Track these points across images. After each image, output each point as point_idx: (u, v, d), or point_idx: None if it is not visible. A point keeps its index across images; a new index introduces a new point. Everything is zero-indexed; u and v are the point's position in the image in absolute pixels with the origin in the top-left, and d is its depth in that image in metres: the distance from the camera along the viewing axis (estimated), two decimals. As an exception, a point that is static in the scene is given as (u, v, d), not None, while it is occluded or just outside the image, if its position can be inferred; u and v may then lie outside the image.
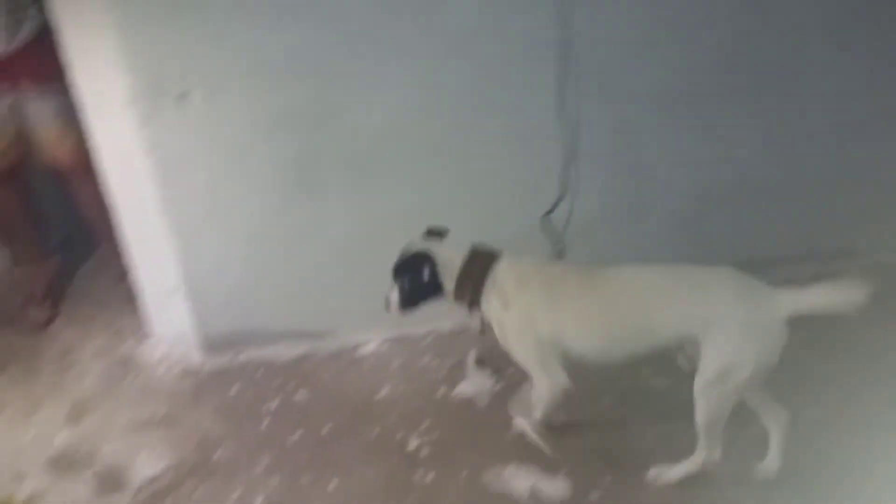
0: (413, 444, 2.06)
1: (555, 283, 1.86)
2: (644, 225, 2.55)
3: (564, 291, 1.84)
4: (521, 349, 1.90)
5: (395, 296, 1.95)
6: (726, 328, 1.68)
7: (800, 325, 1.62)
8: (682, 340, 1.76)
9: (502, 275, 1.87)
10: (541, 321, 1.83)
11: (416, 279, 1.92)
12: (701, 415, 1.74)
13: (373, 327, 2.54)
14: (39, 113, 2.55)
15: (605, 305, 1.81)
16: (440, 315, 2.48)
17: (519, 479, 1.91)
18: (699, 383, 1.72)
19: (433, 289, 1.93)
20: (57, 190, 3.32)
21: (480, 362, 2.36)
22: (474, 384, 2.29)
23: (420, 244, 1.94)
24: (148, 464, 2.04)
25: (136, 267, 2.43)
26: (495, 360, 2.37)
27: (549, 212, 2.38)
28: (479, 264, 1.90)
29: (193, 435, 2.15)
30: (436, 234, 1.98)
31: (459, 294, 1.91)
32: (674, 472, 1.88)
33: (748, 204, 2.56)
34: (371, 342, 2.53)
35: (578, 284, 1.84)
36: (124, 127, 2.13)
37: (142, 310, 2.59)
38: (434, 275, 1.91)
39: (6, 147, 2.60)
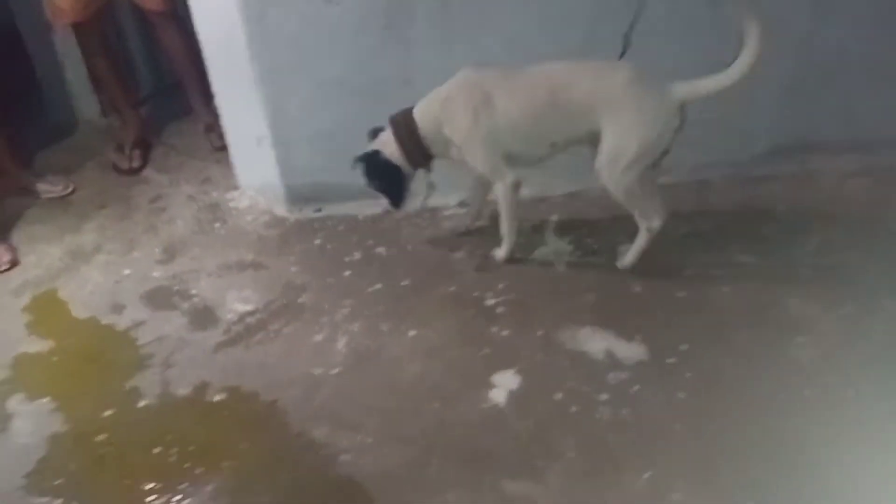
0: (489, 301, 2.10)
1: (474, 94, 1.99)
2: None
3: (488, 96, 1.98)
4: (474, 158, 2.06)
5: (384, 201, 2.19)
6: (617, 110, 1.89)
7: None
8: (588, 127, 1.94)
9: (425, 112, 2.05)
10: (482, 123, 1.98)
11: (381, 177, 2.13)
12: (619, 197, 2.01)
13: (453, 189, 2.54)
14: None
15: (525, 100, 1.98)
16: (528, 182, 2.47)
17: (595, 340, 1.93)
18: (598, 163, 1.97)
19: (398, 172, 2.12)
20: (145, 39, 3.36)
21: (560, 229, 2.35)
22: (552, 250, 2.28)
23: (374, 143, 2.12)
24: (237, 302, 2.16)
25: (225, 115, 2.46)
26: (575, 227, 2.37)
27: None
28: (403, 126, 2.07)
29: (279, 279, 2.25)
30: (376, 132, 2.14)
31: (413, 161, 2.11)
32: (629, 259, 2.14)
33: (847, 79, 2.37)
34: (450, 205, 2.54)
35: (500, 86, 1.99)
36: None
37: (229, 160, 2.65)
38: (388, 163, 2.09)
39: None
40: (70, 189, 2.76)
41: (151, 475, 1.66)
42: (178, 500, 1.60)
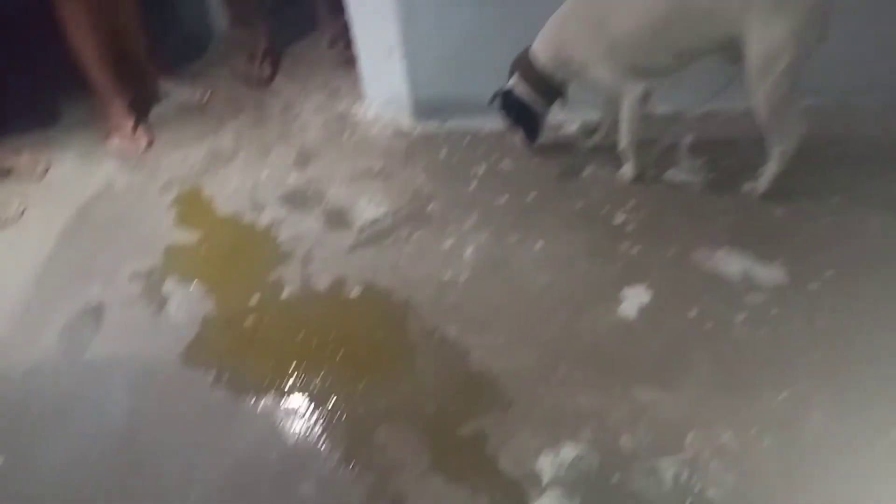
0: (619, 219, 2.07)
1: (590, 9, 1.96)
2: None
3: (605, 9, 1.94)
4: (597, 75, 2.03)
5: (520, 137, 2.30)
6: (766, 11, 1.74)
7: None
8: (721, 35, 1.83)
9: (543, 44, 2.07)
10: (608, 32, 1.94)
11: (515, 115, 2.22)
12: (760, 109, 1.88)
13: (581, 107, 2.48)
14: None
15: (644, 10, 1.88)
16: (656, 98, 2.39)
17: (731, 262, 1.87)
18: (750, 79, 1.83)
19: (530, 111, 2.20)
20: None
21: (695, 149, 2.27)
22: (687, 170, 2.21)
23: (508, 84, 2.18)
24: (368, 208, 2.23)
25: (356, 26, 2.48)
26: (712, 148, 2.28)
27: None
28: (526, 67, 2.11)
29: (407, 188, 2.30)
30: (515, 65, 2.17)
31: (545, 97, 2.17)
32: (761, 184, 2.05)
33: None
34: (574, 122, 2.49)
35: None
36: None
37: (357, 71, 2.69)
38: (520, 102, 2.17)
39: None
40: (207, 96, 2.89)
41: (295, 357, 1.78)
42: (320, 380, 1.72)
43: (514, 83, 2.16)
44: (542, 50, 2.10)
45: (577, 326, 1.76)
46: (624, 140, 2.15)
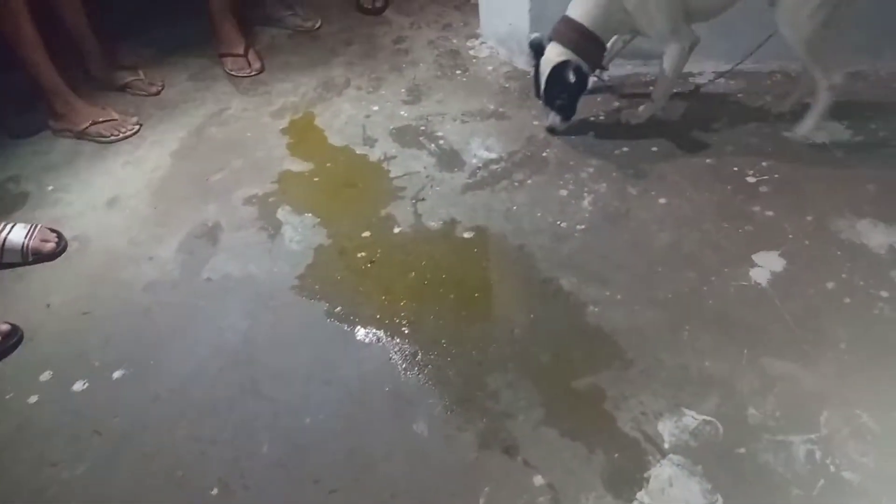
0: (751, 178, 1.95)
1: None
2: None
3: None
4: (651, 20, 1.93)
5: (555, 117, 2.13)
6: None
7: None
8: None
9: (583, 3, 1.95)
10: None
11: (565, 90, 2.03)
12: (797, 46, 1.86)
13: (710, 57, 2.33)
14: None
15: None
16: (784, 54, 2.21)
17: (876, 234, 1.74)
18: (779, 13, 1.82)
19: (585, 79, 2.03)
20: None
21: (837, 111, 2.09)
22: (828, 132, 2.05)
23: (550, 57, 2.01)
24: (482, 149, 2.17)
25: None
26: (856, 111, 2.10)
27: None
28: (570, 31, 1.97)
29: (522, 131, 2.22)
30: (539, 46, 2.05)
31: (593, 60, 2.03)
32: (808, 122, 2.02)
33: None
34: (705, 73, 2.34)
35: None
36: None
37: (468, 7, 2.59)
38: (579, 69, 1.99)
39: None
40: (318, 24, 2.86)
41: (407, 294, 1.77)
42: (433, 319, 1.70)
43: (559, 55, 2.00)
44: (583, 12, 1.96)
45: (704, 289, 1.68)
46: (661, 88, 2.11)
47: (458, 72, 2.53)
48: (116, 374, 1.66)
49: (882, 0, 2.10)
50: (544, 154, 2.14)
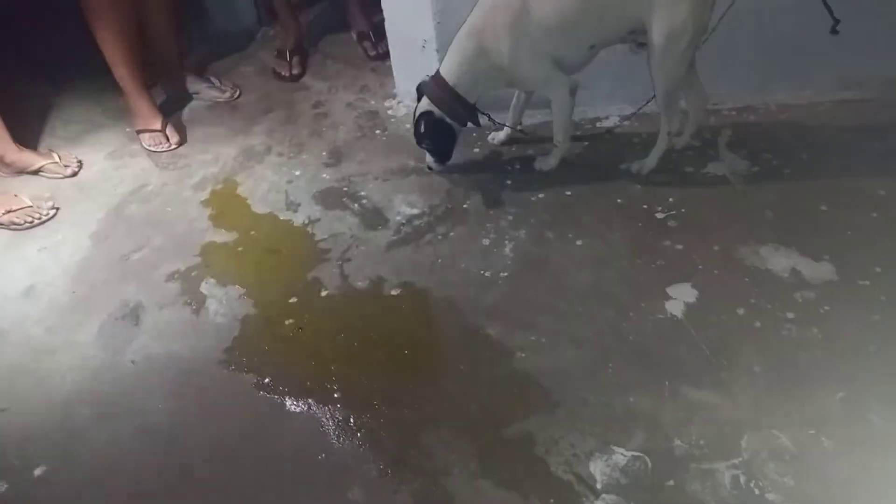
0: (660, 214, 2.04)
1: (508, 10, 1.95)
2: None
3: (523, 8, 1.94)
4: (526, 72, 2.04)
5: (429, 158, 2.28)
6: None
7: None
8: (631, 24, 1.94)
9: (455, 63, 2.04)
10: (527, 28, 1.95)
11: (435, 136, 2.15)
12: (660, 89, 2.01)
13: (614, 102, 2.45)
14: None
15: (560, 4, 1.93)
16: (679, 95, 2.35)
17: (778, 258, 1.84)
18: (655, 58, 1.95)
19: (449, 131, 2.15)
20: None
21: (734, 143, 2.22)
22: (726, 165, 2.17)
23: (420, 105, 2.13)
24: (404, 205, 2.21)
25: (389, 19, 2.46)
26: (751, 142, 2.24)
27: None
28: (438, 88, 2.07)
29: (442, 185, 2.27)
30: (421, 92, 2.14)
31: (459, 118, 2.12)
32: (649, 161, 2.18)
33: None
34: (610, 117, 2.46)
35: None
36: None
37: (384, 69, 2.66)
38: (443, 122, 2.11)
39: None
40: (237, 94, 2.88)
41: (337, 357, 1.77)
42: (363, 382, 1.70)
43: (428, 106, 2.11)
44: (455, 72, 2.05)
45: (623, 325, 1.73)
46: (560, 133, 2.20)
47: (377, 131, 2.58)
48: (37, 472, 1.59)
49: (765, 40, 2.26)
50: (465, 205, 2.19)
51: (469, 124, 2.16)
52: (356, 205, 2.25)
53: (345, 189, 2.33)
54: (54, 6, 2.73)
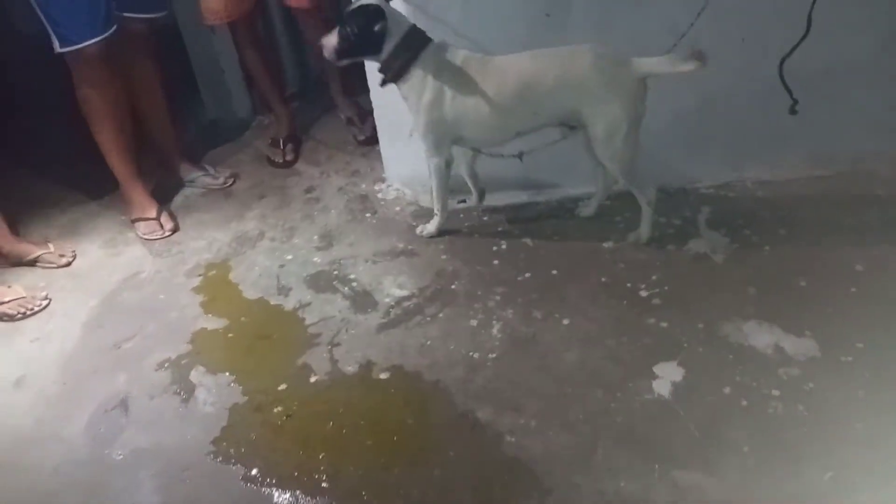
0: (643, 292, 2.07)
1: (463, 73, 2.04)
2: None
3: (468, 81, 2.04)
4: (424, 127, 2.13)
5: (333, 40, 2.06)
6: (595, 93, 1.98)
7: None
8: (564, 116, 2.05)
9: (428, 59, 2.05)
10: (447, 107, 2.08)
11: (363, 31, 2.02)
12: (617, 173, 2.12)
13: (594, 183, 2.53)
14: None
15: (496, 92, 2.03)
16: (666, 172, 2.43)
17: (761, 335, 1.87)
18: (598, 149, 2.06)
19: (372, 47, 2.05)
20: (291, 38, 3.55)
21: (712, 221, 2.29)
22: (706, 242, 2.22)
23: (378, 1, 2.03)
24: (394, 287, 2.24)
25: (377, 110, 2.56)
26: (729, 219, 2.30)
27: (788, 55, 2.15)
28: (418, 41, 2.05)
29: (431, 266, 2.32)
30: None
31: (390, 61, 2.07)
32: (643, 231, 2.24)
33: None
34: (591, 194, 2.53)
35: (479, 73, 2.04)
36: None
37: (374, 154, 2.75)
38: (381, 33, 2.02)
39: None
40: (231, 181, 2.96)
41: (325, 446, 1.76)
42: (352, 470, 1.69)
43: (394, 13, 2.06)
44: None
45: (612, 406, 1.74)
46: (437, 201, 2.35)
47: (367, 214, 2.64)
48: (19, 572, 1.56)
49: (736, 122, 2.36)
50: (453, 286, 2.22)
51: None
52: (346, 288, 2.29)
53: (335, 272, 2.37)
54: (48, 97, 2.84)
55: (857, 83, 2.29)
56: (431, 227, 2.42)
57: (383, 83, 2.14)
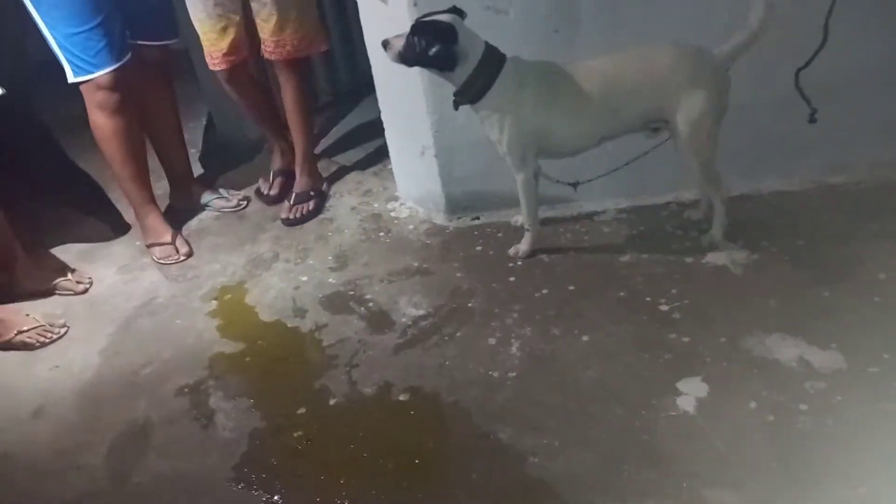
0: (663, 307, 2.05)
1: (544, 83, 2.03)
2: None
3: (550, 91, 2.03)
4: (509, 144, 2.10)
5: (399, 45, 2.00)
6: (679, 87, 1.97)
7: None
8: (648, 115, 2.04)
9: (507, 77, 2.01)
10: (531, 119, 2.06)
11: (434, 46, 1.95)
12: (698, 170, 2.09)
13: (609, 196, 2.51)
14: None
15: (581, 97, 2.02)
16: (679, 185, 2.42)
17: (785, 348, 1.83)
18: (683, 146, 2.04)
19: (441, 63, 2.00)
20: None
21: (732, 232, 2.26)
22: (726, 254, 2.20)
23: (452, 18, 1.96)
24: (410, 307, 2.23)
25: (388, 129, 2.57)
26: (747, 231, 2.27)
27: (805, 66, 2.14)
28: (495, 60, 2.01)
29: (447, 285, 2.30)
30: (458, 12, 2.00)
31: (469, 86, 2.02)
32: (715, 231, 2.21)
33: None
34: (608, 211, 2.51)
35: (561, 82, 2.03)
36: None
37: (384, 173, 2.76)
38: (453, 55, 1.97)
39: (237, 40, 2.62)
40: (245, 203, 2.97)
41: (346, 470, 1.74)
42: (374, 493, 1.67)
43: (469, 34, 1.99)
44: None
45: (636, 424, 1.71)
46: (528, 217, 2.29)
47: (381, 234, 2.64)
48: None
49: (751, 132, 2.33)
50: (470, 304, 2.21)
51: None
52: (362, 308, 2.28)
53: (351, 293, 2.36)
54: (64, 125, 2.86)
55: (871, 91, 2.27)
56: (524, 245, 2.34)
57: (458, 105, 2.11)
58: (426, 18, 1.98)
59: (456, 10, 2.00)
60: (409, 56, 2.00)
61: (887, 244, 2.13)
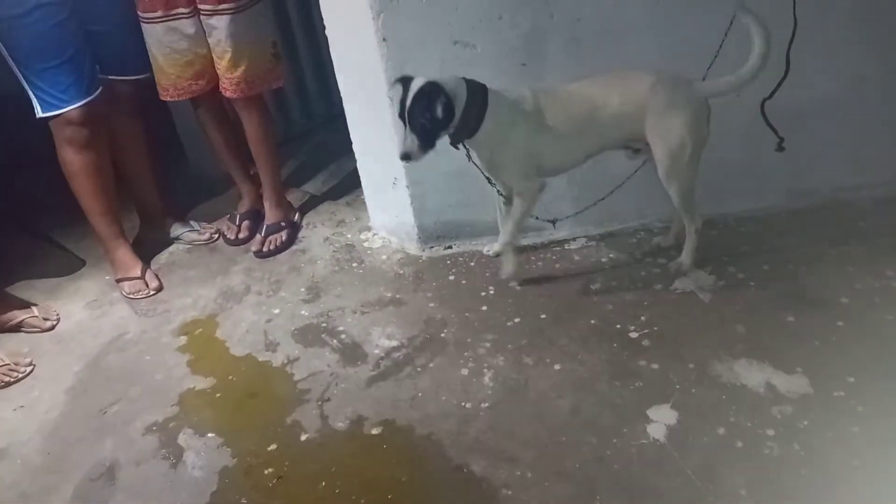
0: (633, 334, 2.07)
1: (533, 107, 2.04)
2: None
3: (539, 114, 2.04)
4: (511, 167, 2.12)
5: (413, 140, 1.94)
6: (657, 113, 2.00)
7: None
8: (627, 136, 2.09)
9: (495, 104, 2.01)
10: (525, 142, 2.07)
11: (434, 114, 1.91)
12: (676, 196, 2.12)
13: (580, 224, 2.54)
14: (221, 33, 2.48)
15: (565, 119, 2.06)
16: (649, 213, 2.46)
17: (752, 373, 1.86)
18: (661, 171, 2.07)
19: (446, 121, 1.96)
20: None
21: (698, 258, 2.29)
22: (692, 280, 2.23)
23: (423, 78, 1.93)
24: (383, 338, 2.23)
25: (360, 160, 2.58)
26: (714, 256, 2.31)
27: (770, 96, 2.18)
28: (479, 91, 2.01)
29: (420, 315, 2.30)
30: (409, 79, 1.95)
31: (464, 124, 2.00)
32: (684, 259, 2.26)
33: None
34: (578, 239, 2.54)
35: (548, 105, 2.05)
36: (358, 17, 2.23)
37: (358, 203, 2.76)
38: (449, 107, 1.93)
39: (200, 71, 2.59)
40: (217, 236, 2.95)
41: (319, 508, 1.73)
42: (347, 533, 1.66)
43: (446, 82, 1.96)
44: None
45: (608, 454, 1.72)
46: (513, 225, 2.23)
47: (354, 264, 2.64)
48: None
49: (715, 160, 2.37)
50: (442, 335, 2.21)
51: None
52: (335, 340, 2.27)
53: (323, 325, 2.35)
54: (28, 158, 2.82)
55: (832, 118, 2.34)
56: (509, 266, 2.30)
57: (455, 144, 2.07)
58: (409, 101, 1.92)
59: (404, 77, 1.96)
60: (427, 141, 1.95)
61: (850, 268, 2.18)
